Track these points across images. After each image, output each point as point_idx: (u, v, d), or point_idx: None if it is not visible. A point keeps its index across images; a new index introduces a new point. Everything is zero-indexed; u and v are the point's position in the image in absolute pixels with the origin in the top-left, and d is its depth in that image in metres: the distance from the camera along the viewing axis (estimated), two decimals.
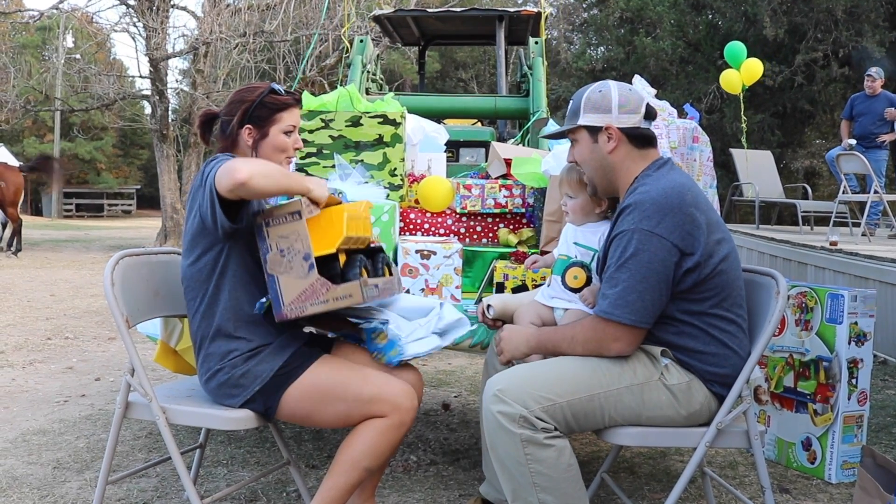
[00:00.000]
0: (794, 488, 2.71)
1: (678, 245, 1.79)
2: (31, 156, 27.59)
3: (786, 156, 13.62)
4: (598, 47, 16.35)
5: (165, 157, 13.46)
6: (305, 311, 1.87)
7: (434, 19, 6.23)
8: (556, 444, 1.79)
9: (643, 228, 1.79)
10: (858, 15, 11.63)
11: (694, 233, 1.80)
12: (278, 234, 1.88)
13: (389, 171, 2.96)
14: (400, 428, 1.95)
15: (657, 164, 1.94)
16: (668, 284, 1.81)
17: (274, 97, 2.07)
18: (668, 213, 1.79)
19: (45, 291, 7.62)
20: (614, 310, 1.82)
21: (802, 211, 7.83)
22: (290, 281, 1.87)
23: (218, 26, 12.20)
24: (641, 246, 1.79)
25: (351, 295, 1.87)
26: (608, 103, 1.93)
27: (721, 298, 1.86)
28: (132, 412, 2.04)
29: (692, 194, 1.83)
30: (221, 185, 1.82)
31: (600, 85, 1.98)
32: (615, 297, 1.82)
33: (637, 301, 1.80)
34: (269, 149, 2.08)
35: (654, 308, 1.82)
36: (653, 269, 1.79)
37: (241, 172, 1.78)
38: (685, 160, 2.95)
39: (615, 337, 1.84)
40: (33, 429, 3.22)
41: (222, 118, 2.09)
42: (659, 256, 1.78)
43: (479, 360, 4.68)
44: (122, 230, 20.70)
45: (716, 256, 1.83)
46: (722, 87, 7.86)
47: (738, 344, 1.89)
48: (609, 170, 1.95)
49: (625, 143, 1.93)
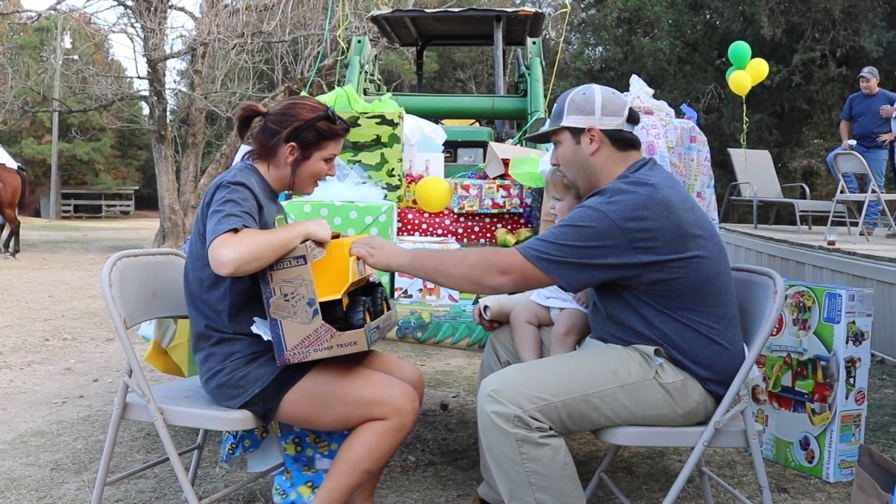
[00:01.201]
0: (792, 487, 2.71)
1: (629, 237, 1.78)
2: (29, 157, 27.62)
3: (784, 155, 13.62)
4: (597, 47, 16.36)
5: (164, 158, 13.44)
6: (308, 356, 1.85)
7: (432, 20, 6.23)
8: (551, 444, 1.79)
9: (599, 209, 1.80)
10: (856, 14, 11.64)
11: (653, 230, 1.79)
12: (282, 279, 1.83)
13: (387, 172, 2.96)
14: (400, 430, 1.95)
15: (638, 164, 1.94)
16: (597, 263, 1.79)
17: (328, 124, 2.04)
18: (630, 205, 1.79)
19: (43, 292, 7.61)
20: (533, 249, 1.82)
21: (800, 210, 7.84)
22: (294, 326, 1.83)
23: (216, 27, 12.19)
24: (590, 222, 1.79)
25: (356, 342, 1.85)
26: (591, 105, 1.93)
27: (703, 297, 1.84)
28: (130, 413, 2.04)
29: (664, 194, 1.82)
30: (213, 267, 1.77)
31: (584, 88, 1.99)
32: (540, 240, 1.83)
33: (556, 256, 1.79)
34: (307, 173, 2.06)
35: (566, 272, 1.80)
36: (589, 244, 1.78)
37: (225, 267, 1.73)
38: (683, 160, 2.95)
39: (507, 268, 1.83)
40: (31, 430, 3.21)
41: (269, 123, 2.04)
42: (601, 236, 1.78)
43: (477, 360, 4.68)
44: (121, 231, 20.68)
45: (688, 255, 1.81)
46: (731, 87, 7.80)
47: (728, 339, 1.89)
48: (591, 171, 1.96)
49: (607, 144, 1.94)
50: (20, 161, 13.82)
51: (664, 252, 1.79)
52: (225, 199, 1.86)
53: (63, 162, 30.52)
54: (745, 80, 7.68)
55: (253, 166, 2.06)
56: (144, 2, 12.55)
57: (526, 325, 2.24)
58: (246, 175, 1.96)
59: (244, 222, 1.82)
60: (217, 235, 1.77)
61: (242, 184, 1.91)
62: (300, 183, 2.08)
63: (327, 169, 2.09)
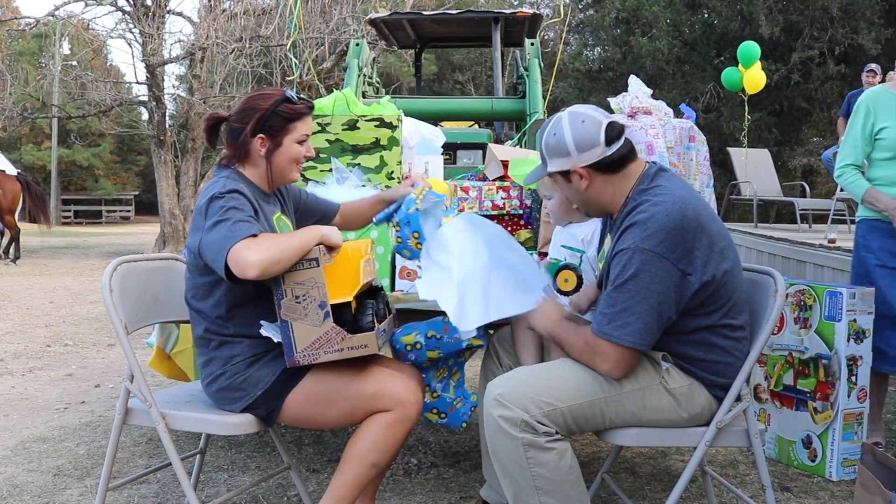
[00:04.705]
0: (795, 486, 2.71)
1: (679, 266, 1.75)
2: (29, 163, 27.62)
3: (783, 154, 13.61)
4: (595, 48, 16.35)
5: (163, 163, 13.45)
6: (318, 358, 1.86)
7: (430, 22, 6.23)
8: (557, 447, 1.79)
9: (645, 248, 1.74)
10: (854, 12, 11.64)
11: (696, 251, 1.77)
12: (294, 281, 1.83)
13: (386, 175, 2.96)
14: (405, 422, 1.95)
15: (649, 175, 1.88)
16: (668, 305, 1.77)
17: (289, 106, 2.00)
18: (670, 232, 1.75)
19: (44, 298, 7.62)
20: (611, 330, 1.78)
21: (800, 209, 7.83)
22: (304, 328, 1.84)
23: (214, 31, 12.20)
24: (642, 266, 1.74)
25: (367, 345, 1.85)
26: (564, 147, 1.86)
27: (728, 307, 1.84)
28: (132, 418, 2.04)
29: (693, 208, 1.79)
30: (235, 270, 1.77)
31: (553, 126, 1.89)
32: (612, 316, 1.78)
33: (636, 322, 1.76)
34: (283, 160, 2.03)
35: (651, 330, 1.77)
36: (653, 290, 1.74)
37: (252, 269, 1.74)
38: (682, 159, 2.95)
39: (604, 357, 1.81)
40: (33, 436, 3.21)
41: (231, 124, 2.03)
42: (659, 277, 1.74)
43: (478, 363, 4.67)
44: (121, 236, 20.69)
45: (721, 268, 1.80)
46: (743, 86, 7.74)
47: (741, 350, 1.89)
48: (594, 201, 1.93)
49: (597, 175, 1.87)
50: (20, 167, 13.81)
51: (704, 271, 1.78)
52: (225, 208, 1.86)
53: (63, 168, 30.54)
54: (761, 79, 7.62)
55: (236, 171, 2.04)
56: (142, 7, 12.58)
57: (527, 329, 2.23)
58: (234, 182, 1.95)
59: (259, 227, 1.83)
60: (236, 241, 1.77)
61: (235, 190, 1.91)
62: (280, 171, 2.05)
63: (304, 150, 2.05)
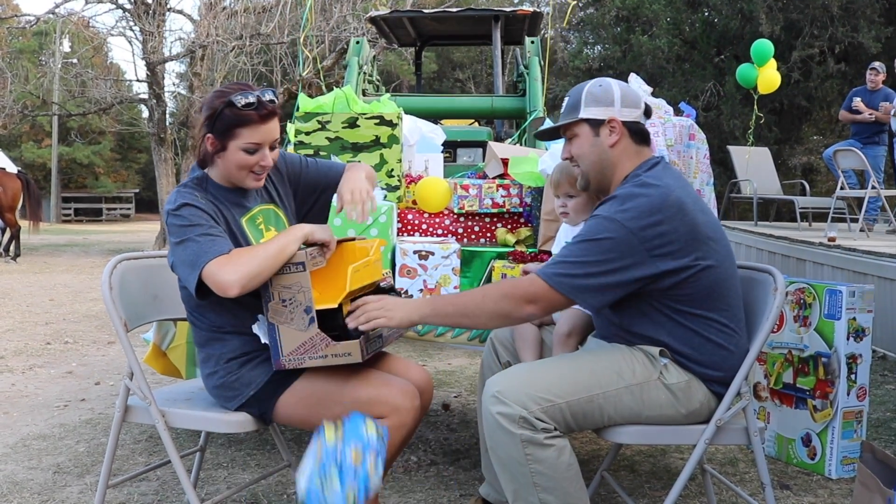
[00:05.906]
0: (795, 484, 2.71)
1: (645, 245, 1.76)
2: (30, 160, 27.61)
3: (783, 152, 13.59)
4: (595, 46, 16.34)
5: (163, 161, 13.46)
6: (303, 363, 1.84)
7: (430, 20, 6.23)
8: (556, 444, 1.79)
9: (616, 218, 1.78)
10: (854, 10, 11.62)
11: (671, 235, 1.77)
12: (281, 284, 1.82)
13: (387, 172, 2.96)
14: (400, 429, 1.92)
15: (649, 163, 1.93)
16: (620, 281, 1.78)
17: (233, 111, 1.83)
18: (645, 211, 1.77)
19: (44, 296, 7.62)
20: (554, 273, 1.80)
21: (800, 207, 7.84)
22: (290, 332, 1.83)
23: (214, 29, 12.20)
24: (606, 233, 1.77)
25: (350, 353, 1.83)
26: (610, 97, 1.92)
27: (713, 300, 1.84)
28: (132, 416, 2.04)
29: (677, 196, 1.80)
30: (217, 291, 1.75)
31: (600, 80, 1.97)
32: (560, 262, 1.82)
33: (578, 276, 1.78)
34: (230, 165, 1.90)
35: (590, 292, 1.79)
36: (610, 258, 1.76)
37: (232, 289, 1.72)
38: (681, 158, 2.95)
39: (534, 298, 1.81)
40: (33, 434, 3.21)
41: (200, 118, 1.93)
42: (620, 250, 1.76)
43: (478, 360, 4.68)
44: (121, 234, 20.68)
45: (702, 259, 1.80)
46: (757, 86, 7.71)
47: (735, 343, 1.89)
48: (607, 164, 1.94)
49: (626, 137, 1.93)
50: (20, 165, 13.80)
51: (679, 256, 1.78)
52: (181, 225, 1.82)
53: (63, 165, 30.51)
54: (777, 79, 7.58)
55: (204, 174, 1.98)
56: (143, 5, 12.58)
57: (526, 325, 2.23)
58: (185, 194, 1.88)
59: (226, 242, 1.81)
60: (204, 264, 1.75)
61: (185, 204, 1.85)
62: (230, 176, 1.93)
63: (256, 160, 1.88)
